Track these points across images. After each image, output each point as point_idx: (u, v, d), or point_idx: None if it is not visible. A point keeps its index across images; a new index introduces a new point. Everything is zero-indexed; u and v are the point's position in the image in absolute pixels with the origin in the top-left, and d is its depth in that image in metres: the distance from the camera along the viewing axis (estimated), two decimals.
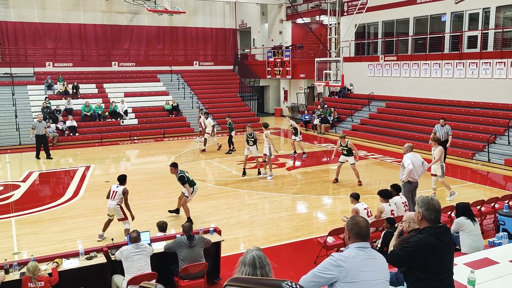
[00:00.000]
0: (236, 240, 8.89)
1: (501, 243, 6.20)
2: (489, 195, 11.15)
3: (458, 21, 19.80)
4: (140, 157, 18.53)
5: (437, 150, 11.03)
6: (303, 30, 28.54)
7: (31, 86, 23.63)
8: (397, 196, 8.38)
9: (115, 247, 6.59)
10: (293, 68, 27.17)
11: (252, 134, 13.92)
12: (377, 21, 23.64)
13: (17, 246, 8.78)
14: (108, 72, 26.77)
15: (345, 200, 11.04)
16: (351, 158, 12.95)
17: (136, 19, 28.50)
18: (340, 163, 13.23)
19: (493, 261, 5.10)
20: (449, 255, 3.91)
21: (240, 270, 2.89)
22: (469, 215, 6.69)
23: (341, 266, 3.23)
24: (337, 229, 7.57)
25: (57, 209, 11.15)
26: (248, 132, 13.97)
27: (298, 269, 7.40)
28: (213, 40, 31.27)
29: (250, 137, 13.93)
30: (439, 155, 10.96)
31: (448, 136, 14.33)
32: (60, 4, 26.31)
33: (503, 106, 17.22)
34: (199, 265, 6.44)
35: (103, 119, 22.59)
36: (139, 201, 11.52)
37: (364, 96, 23.54)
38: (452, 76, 19.35)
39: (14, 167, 16.21)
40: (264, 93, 32.14)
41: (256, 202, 11.57)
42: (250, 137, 13.93)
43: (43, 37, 26.19)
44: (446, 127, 14.47)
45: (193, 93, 26.57)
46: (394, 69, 22.29)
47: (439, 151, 10.99)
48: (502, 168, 14.78)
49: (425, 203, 3.85)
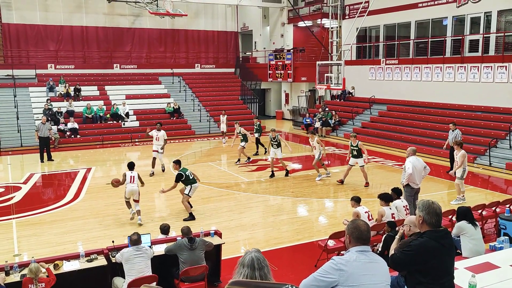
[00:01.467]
0: (236, 243, 8.88)
1: (502, 248, 6.18)
2: (490, 199, 11.13)
3: (459, 25, 19.81)
4: (141, 160, 18.51)
5: (460, 154, 10.98)
6: (305, 33, 28.58)
7: (33, 88, 23.69)
8: (398, 199, 8.38)
9: (115, 250, 6.58)
10: (295, 71, 27.20)
11: (276, 138, 14.45)
12: (378, 25, 23.67)
13: (17, 248, 8.77)
14: (109, 74, 26.83)
15: (346, 203, 11.03)
16: (361, 160, 12.96)
17: (138, 21, 28.57)
18: (350, 166, 13.25)
19: (494, 265, 5.09)
20: (450, 259, 3.91)
21: (239, 271, 2.90)
22: (470, 219, 6.68)
23: (342, 269, 3.22)
24: (338, 232, 7.55)
25: (58, 211, 11.16)
26: (272, 135, 14.55)
27: (299, 272, 7.39)
28: (215, 43, 31.33)
29: (273, 140, 14.49)
30: (461, 159, 10.92)
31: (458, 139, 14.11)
32: (63, 6, 26.40)
33: (504, 110, 17.20)
34: (199, 268, 6.43)
35: (104, 121, 22.62)
36: (140, 204, 11.52)
37: (366, 99, 23.54)
38: (454, 80, 19.35)
39: (15, 168, 16.24)
40: (265, 96, 32.17)
41: (257, 205, 11.56)
42: (273, 141, 14.49)
43: (45, 39, 26.26)
44: (455, 132, 14.11)
45: (194, 96, 26.61)
46: (396, 73, 22.30)
47: (461, 156, 10.94)
48: (504, 172, 14.76)
49: (425, 207, 3.84)
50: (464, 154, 11.07)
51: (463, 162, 10.95)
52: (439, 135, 17.60)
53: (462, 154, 10.99)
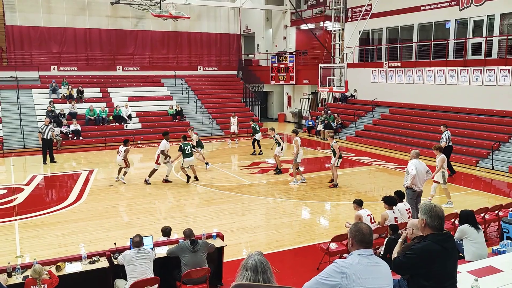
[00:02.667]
0: (238, 246, 8.87)
1: (505, 251, 6.17)
2: (493, 202, 11.09)
3: (462, 28, 19.80)
4: (144, 162, 18.53)
5: (438, 159, 10.97)
6: (307, 36, 28.61)
7: (36, 90, 23.76)
8: (401, 203, 8.36)
9: (117, 252, 6.58)
10: (297, 74, 27.21)
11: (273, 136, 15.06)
12: (381, 28, 23.68)
13: (20, 249, 8.78)
14: (112, 77, 26.89)
15: (348, 206, 11.01)
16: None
17: (141, 24, 28.65)
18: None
19: (497, 269, 5.07)
20: (453, 262, 3.90)
21: (242, 274, 2.89)
22: (472, 223, 6.66)
23: (344, 272, 3.22)
24: (340, 235, 7.54)
25: (60, 212, 11.17)
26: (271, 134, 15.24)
27: (301, 275, 7.38)
28: (217, 45, 31.38)
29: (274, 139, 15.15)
30: (439, 164, 10.91)
31: (443, 142, 14.18)
32: (66, 8, 26.50)
33: (507, 114, 17.17)
34: (201, 270, 6.42)
35: (107, 123, 22.66)
36: (142, 206, 11.56)
37: (368, 102, 23.54)
38: (456, 83, 19.33)
39: (18, 170, 16.28)
40: (267, 99, 32.18)
41: (259, 208, 11.56)
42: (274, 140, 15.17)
43: (48, 41, 26.36)
44: (443, 134, 14.37)
45: (196, 98, 26.64)
46: (398, 76, 22.29)
47: (440, 160, 10.92)
48: (506, 175, 14.72)
49: (428, 210, 3.84)
50: (444, 158, 11.01)
51: (441, 166, 10.91)
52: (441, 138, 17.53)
53: (441, 158, 10.93)
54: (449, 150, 14.11)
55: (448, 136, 14.33)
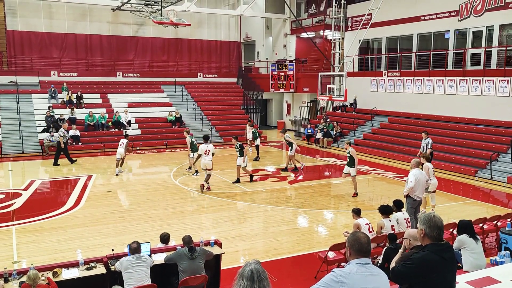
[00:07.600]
0: (236, 253, 8.84)
1: (503, 262, 6.15)
2: (492, 213, 11.09)
3: (461, 38, 19.91)
4: (142, 168, 18.53)
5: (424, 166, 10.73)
6: (307, 44, 28.72)
7: (36, 95, 23.79)
8: (400, 212, 8.34)
9: (115, 258, 6.56)
10: (297, 82, 27.29)
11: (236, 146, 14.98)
12: (381, 37, 23.79)
13: (17, 254, 8.75)
14: (112, 82, 26.94)
15: (346, 214, 11.00)
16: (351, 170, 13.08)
17: (141, 30, 28.76)
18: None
19: (495, 280, 5.05)
20: (451, 272, 3.89)
21: (238, 283, 2.88)
22: (471, 233, 6.65)
23: (342, 282, 3.21)
24: (338, 244, 7.53)
25: (58, 218, 11.13)
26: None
27: (298, 284, 7.35)
28: (218, 53, 31.49)
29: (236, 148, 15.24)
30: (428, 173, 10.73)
31: (427, 149, 14.37)
32: (67, 14, 26.59)
33: (506, 124, 17.21)
34: (199, 278, 6.40)
35: (106, 129, 22.66)
36: (141, 212, 11.54)
37: (367, 111, 23.58)
38: (455, 92, 19.39)
39: (16, 175, 16.24)
40: (267, 106, 32.23)
41: (257, 215, 11.53)
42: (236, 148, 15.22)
43: (49, 47, 26.42)
44: (426, 141, 14.63)
45: (196, 105, 26.68)
46: (397, 85, 22.36)
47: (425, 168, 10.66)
48: (505, 186, 14.72)
49: (427, 220, 3.83)
50: (427, 167, 10.78)
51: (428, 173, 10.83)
52: (440, 148, 17.59)
53: (425, 166, 10.75)
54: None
55: (431, 143, 14.67)
